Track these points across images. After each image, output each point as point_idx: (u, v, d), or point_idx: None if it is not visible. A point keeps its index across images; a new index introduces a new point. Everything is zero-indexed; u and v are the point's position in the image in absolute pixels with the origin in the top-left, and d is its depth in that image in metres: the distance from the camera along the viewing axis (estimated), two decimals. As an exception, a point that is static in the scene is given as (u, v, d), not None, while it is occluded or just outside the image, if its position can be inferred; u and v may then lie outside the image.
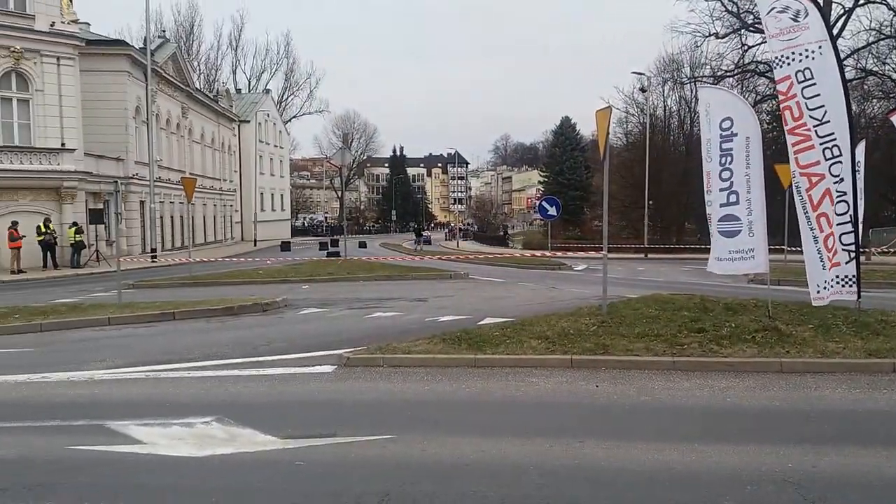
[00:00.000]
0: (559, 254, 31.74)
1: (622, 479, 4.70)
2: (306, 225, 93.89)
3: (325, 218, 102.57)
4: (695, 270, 24.25)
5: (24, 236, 25.86)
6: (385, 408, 6.72)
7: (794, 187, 9.67)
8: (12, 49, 26.81)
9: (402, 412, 6.49)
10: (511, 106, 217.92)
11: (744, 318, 9.85)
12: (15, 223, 25.92)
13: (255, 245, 53.36)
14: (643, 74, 44.76)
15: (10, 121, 27.41)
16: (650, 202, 40.47)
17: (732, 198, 9.61)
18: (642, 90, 45.66)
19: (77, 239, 27.58)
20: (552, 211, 28.55)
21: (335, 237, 45.06)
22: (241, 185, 61.75)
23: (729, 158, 9.63)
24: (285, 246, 47.71)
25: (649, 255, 37.08)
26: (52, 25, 27.74)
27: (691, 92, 46.53)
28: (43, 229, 26.60)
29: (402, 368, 8.18)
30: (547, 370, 7.95)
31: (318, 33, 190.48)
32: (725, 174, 9.67)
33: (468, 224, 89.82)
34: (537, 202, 41.08)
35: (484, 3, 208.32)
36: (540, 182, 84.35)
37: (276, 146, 72.57)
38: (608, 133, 10.49)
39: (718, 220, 9.80)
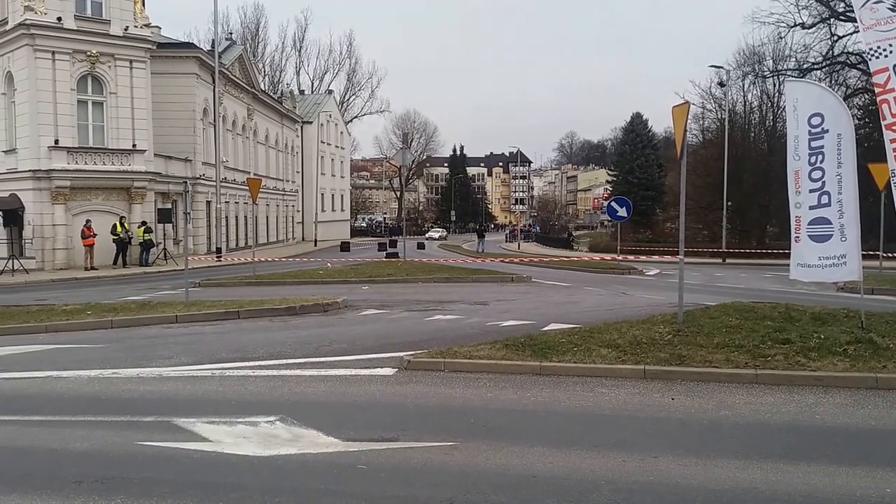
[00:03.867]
0: (630, 257, 31.15)
1: (701, 498, 4.53)
2: (365, 225, 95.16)
3: (384, 218, 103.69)
4: (777, 277, 23.44)
5: (96, 234, 27.08)
6: (447, 413, 6.70)
7: (892, 187, 9.20)
8: (89, 53, 28.15)
9: (464, 418, 6.44)
10: (578, 102, 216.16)
11: (834, 329, 9.43)
12: (89, 221, 27.19)
13: (315, 245, 54.32)
14: (721, 68, 43.56)
15: (86, 123, 28.75)
16: (729, 203, 39.19)
17: (824, 199, 9.18)
18: (721, 84, 44.42)
19: (146, 238, 28.67)
20: (622, 212, 27.89)
21: (394, 238, 45.42)
22: (303, 185, 63.02)
23: (820, 157, 9.21)
24: (345, 246, 48.46)
25: (727, 261, 36.01)
26: (125, 30, 28.98)
27: (774, 86, 44.99)
28: (119, 228, 27.79)
29: (463, 374, 8.13)
30: (618, 381, 7.77)
31: (381, 31, 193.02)
32: (816, 174, 9.25)
33: (530, 225, 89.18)
34: (605, 202, 40.44)
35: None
36: (608, 181, 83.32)
37: (337, 147, 73.77)
38: (685, 130, 10.19)
39: (808, 224, 9.38)
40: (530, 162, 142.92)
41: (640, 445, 5.61)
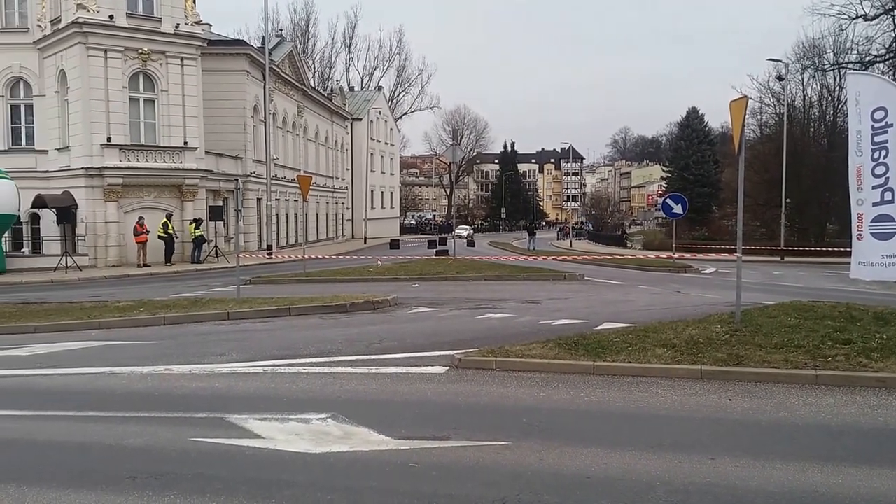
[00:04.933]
0: (686, 255, 30.64)
1: (760, 501, 4.47)
2: (415, 223, 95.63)
3: (434, 216, 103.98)
4: (838, 276, 22.77)
5: (149, 231, 27.78)
6: (499, 412, 6.72)
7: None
8: (140, 51, 28.81)
9: (517, 418, 6.46)
10: (631, 97, 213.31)
11: (898, 330, 9.15)
12: (141, 219, 27.90)
13: (365, 243, 54.81)
14: (780, 61, 42.45)
15: (138, 120, 29.43)
16: (787, 200, 38.26)
17: (887, 196, 8.93)
18: (779, 78, 43.27)
19: (197, 234, 29.29)
20: (678, 209, 27.49)
21: (444, 235, 45.50)
22: (353, 182, 63.68)
23: (883, 152, 8.95)
24: (394, 244, 48.74)
25: (786, 259, 35.13)
26: (176, 27, 29.58)
27: (835, 80, 43.70)
28: (170, 227, 28.45)
29: (515, 373, 8.16)
30: (674, 381, 7.70)
31: (430, 25, 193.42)
32: (879, 170, 9.00)
33: (582, 222, 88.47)
34: (660, 199, 39.83)
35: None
36: (663, 178, 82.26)
37: (386, 143, 74.27)
38: (743, 126, 10.00)
39: (871, 221, 9.14)
40: (582, 158, 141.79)
41: (696, 446, 5.56)
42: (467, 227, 68.79)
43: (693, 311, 12.56)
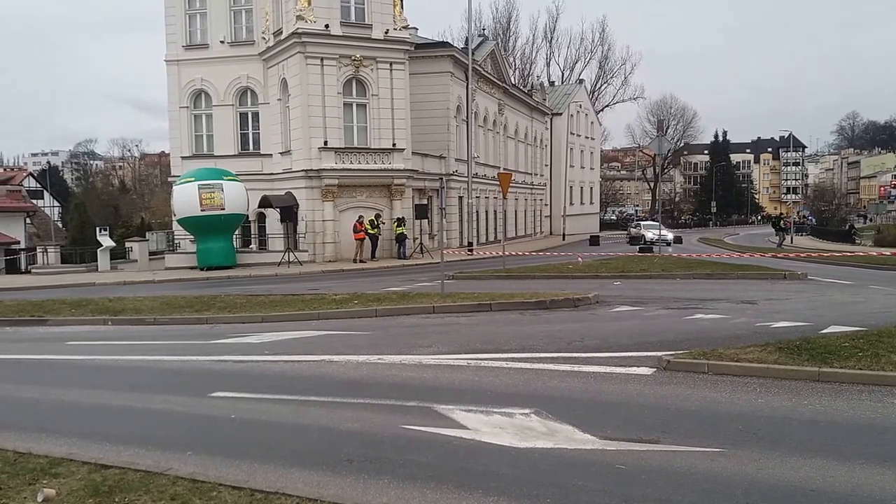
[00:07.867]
0: (929, 253, 27.21)
1: None
2: (615, 218, 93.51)
3: (636, 211, 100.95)
4: None
5: (366, 229, 29.62)
6: (713, 418, 6.42)
7: None
8: (353, 57, 30.63)
9: (732, 424, 6.15)
10: (860, 79, 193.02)
11: None
12: (361, 217, 29.79)
13: (563, 239, 54.54)
14: None
15: (351, 124, 31.37)
16: None
17: None
18: None
19: (398, 231, 30.76)
20: (919, 201, 24.58)
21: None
22: (551, 178, 63.57)
23: None
24: (594, 240, 48.01)
25: None
26: (386, 33, 31.09)
27: None
28: (376, 223, 30.15)
29: (729, 377, 7.77)
30: (915, 391, 6.93)
31: (635, 13, 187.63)
32: None
33: (804, 217, 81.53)
34: (894, 191, 35.65)
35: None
36: (899, 167, 73.72)
37: (586, 137, 73.29)
38: None
39: None
40: (804, 147, 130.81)
41: (945, 469, 4.95)
42: (653, 222, 64.68)
43: (940, 315, 11.18)
